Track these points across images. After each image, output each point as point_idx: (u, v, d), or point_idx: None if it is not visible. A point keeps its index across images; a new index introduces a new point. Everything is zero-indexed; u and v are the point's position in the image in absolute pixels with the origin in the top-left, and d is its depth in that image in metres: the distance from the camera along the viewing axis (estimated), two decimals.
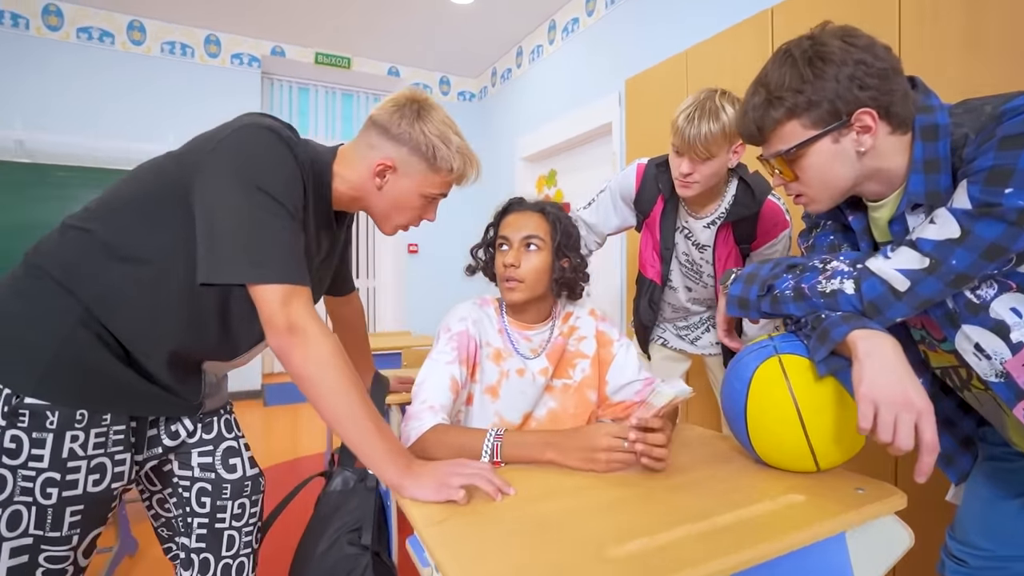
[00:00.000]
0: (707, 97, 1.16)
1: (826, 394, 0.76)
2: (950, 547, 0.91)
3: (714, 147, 1.16)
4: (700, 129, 1.14)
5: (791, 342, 0.82)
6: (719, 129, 1.14)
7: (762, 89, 0.77)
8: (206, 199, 0.73)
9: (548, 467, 0.84)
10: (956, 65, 1.30)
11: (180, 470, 0.90)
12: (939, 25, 1.33)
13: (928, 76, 0.78)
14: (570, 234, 1.07)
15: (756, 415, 0.80)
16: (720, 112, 1.14)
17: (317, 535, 0.95)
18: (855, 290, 0.75)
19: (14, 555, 0.70)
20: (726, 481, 0.78)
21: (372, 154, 0.88)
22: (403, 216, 0.93)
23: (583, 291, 1.12)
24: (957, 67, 1.29)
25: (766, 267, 0.88)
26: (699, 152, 1.16)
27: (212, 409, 0.93)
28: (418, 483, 0.72)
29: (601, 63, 3.25)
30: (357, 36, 4.10)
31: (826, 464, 0.78)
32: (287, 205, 0.74)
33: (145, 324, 0.77)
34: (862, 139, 0.72)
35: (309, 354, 0.72)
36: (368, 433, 0.73)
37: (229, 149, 0.74)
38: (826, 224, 0.93)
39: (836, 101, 0.71)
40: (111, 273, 0.75)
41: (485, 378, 1.04)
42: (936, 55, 1.33)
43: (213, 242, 0.71)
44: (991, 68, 1.24)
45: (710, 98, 1.16)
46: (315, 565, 0.88)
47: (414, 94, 0.89)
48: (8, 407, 0.70)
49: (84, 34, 3.62)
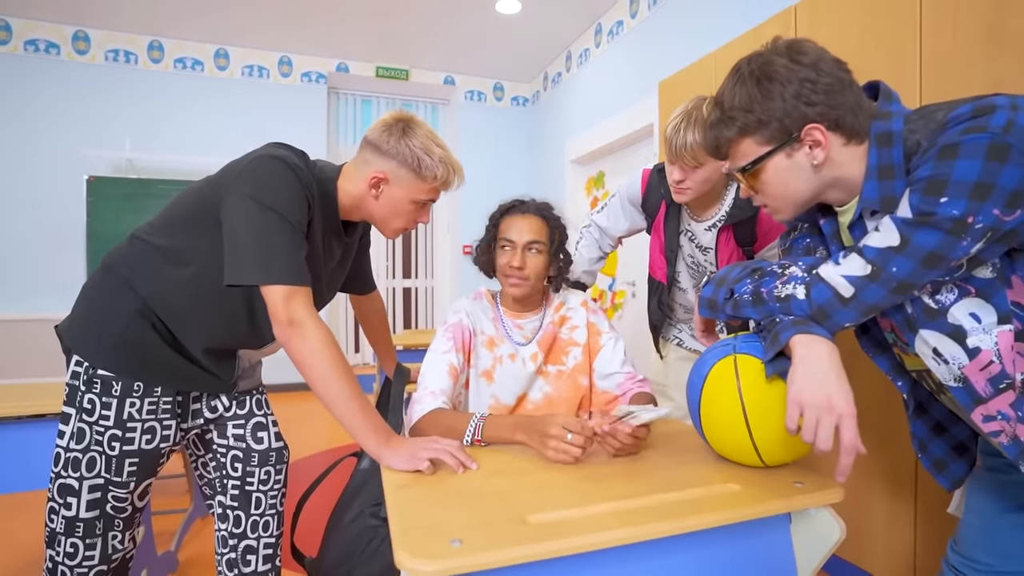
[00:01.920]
0: (694, 107, 1.20)
1: (773, 395, 0.79)
2: (951, 559, 0.89)
3: (701, 156, 1.19)
4: (686, 139, 1.17)
5: (751, 343, 0.86)
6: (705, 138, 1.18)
7: (717, 108, 0.81)
8: (231, 217, 0.89)
9: (520, 447, 0.93)
10: (980, 63, 1.24)
11: (218, 439, 1.09)
12: (961, 22, 1.27)
13: (951, 75, 0.77)
14: (564, 237, 1.19)
15: (708, 410, 0.85)
16: None
17: (347, 506, 1.08)
18: (805, 295, 0.77)
19: (91, 491, 0.92)
20: (671, 469, 0.84)
21: (367, 169, 1.01)
22: (399, 220, 1.06)
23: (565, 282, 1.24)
24: (981, 65, 1.23)
25: (735, 271, 0.91)
26: (687, 161, 1.20)
27: (246, 389, 1.11)
28: (394, 454, 0.85)
29: (642, 65, 3.25)
30: (414, 49, 4.34)
31: (772, 461, 0.82)
32: (292, 221, 0.89)
33: (188, 316, 0.96)
34: (815, 153, 0.75)
35: (305, 343, 0.86)
36: (354, 411, 0.86)
37: (246, 176, 0.90)
38: (803, 227, 0.95)
39: (784, 119, 0.74)
40: (164, 274, 0.95)
41: (480, 363, 1.15)
42: (959, 53, 1.27)
43: (234, 251, 0.88)
44: (1016, 65, 1.18)
45: (697, 107, 1.19)
46: (343, 532, 1.01)
47: (400, 114, 1.02)
48: (86, 376, 0.92)
49: (179, 64, 4.12)
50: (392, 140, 0.99)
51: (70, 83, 3.87)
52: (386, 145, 0.99)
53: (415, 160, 0.99)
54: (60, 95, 3.85)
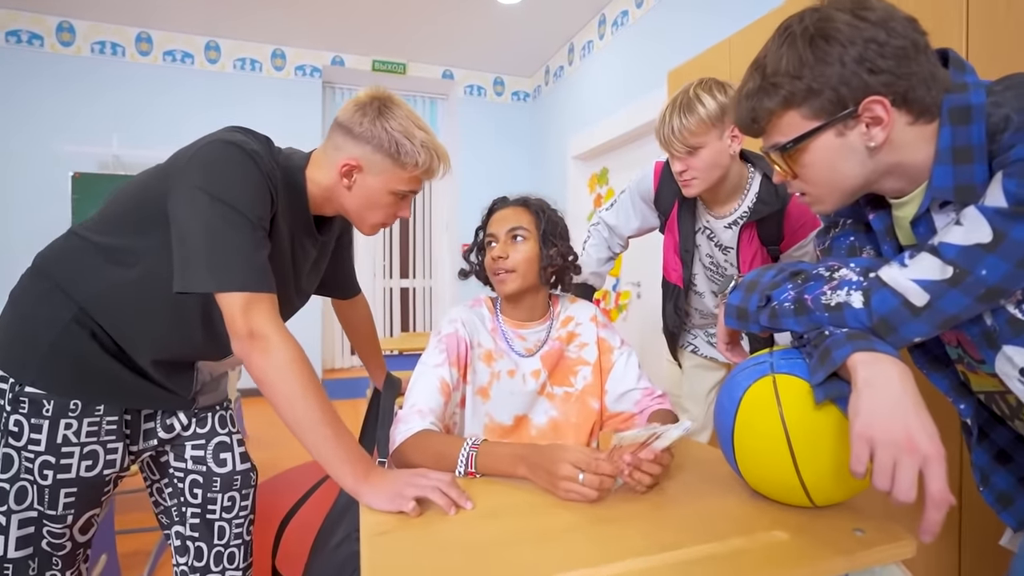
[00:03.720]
0: (681, 91, 1.11)
1: (824, 423, 0.66)
2: None
3: (693, 139, 1.09)
4: (672, 125, 1.09)
5: (791, 360, 0.73)
6: (695, 120, 1.08)
7: (757, 74, 0.68)
8: (177, 212, 0.77)
9: (521, 481, 0.80)
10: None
11: (175, 461, 0.96)
12: (1013, 13, 1.14)
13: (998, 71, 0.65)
14: (555, 223, 1.06)
15: (744, 441, 0.72)
16: (694, 103, 1.08)
17: (333, 528, 0.99)
18: (864, 304, 0.64)
19: (22, 526, 0.79)
20: (701, 508, 0.72)
21: (337, 155, 0.89)
22: (376, 215, 0.93)
23: (570, 282, 1.10)
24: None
25: (768, 274, 0.78)
26: (676, 148, 1.11)
27: (207, 405, 0.99)
28: (374, 491, 0.72)
29: (649, 56, 3.12)
30: (411, 42, 4.21)
31: (822, 500, 0.69)
32: (250, 216, 0.76)
33: (135, 323, 0.83)
34: (872, 132, 0.62)
35: (268, 360, 0.73)
36: (326, 439, 0.73)
37: (195, 164, 0.78)
38: (846, 223, 0.82)
39: (840, 88, 0.61)
40: (105, 275, 0.82)
41: (477, 379, 1.03)
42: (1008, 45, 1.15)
43: (183, 253, 0.75)
44: None
45: (684, 91, 1.11)
46: (327, 557, 0.92)
47: (376, 92, 0.89)
48: (12, 394, 0.78)
49: (169, 57, 3.98)
50: (366, 122, 0.87)
51: (54, 76, 3.74)
52: (359, 127, 0.87)
53: (393, 144, 0.87)
54: (43, 89, 3.72)
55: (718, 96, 1.10)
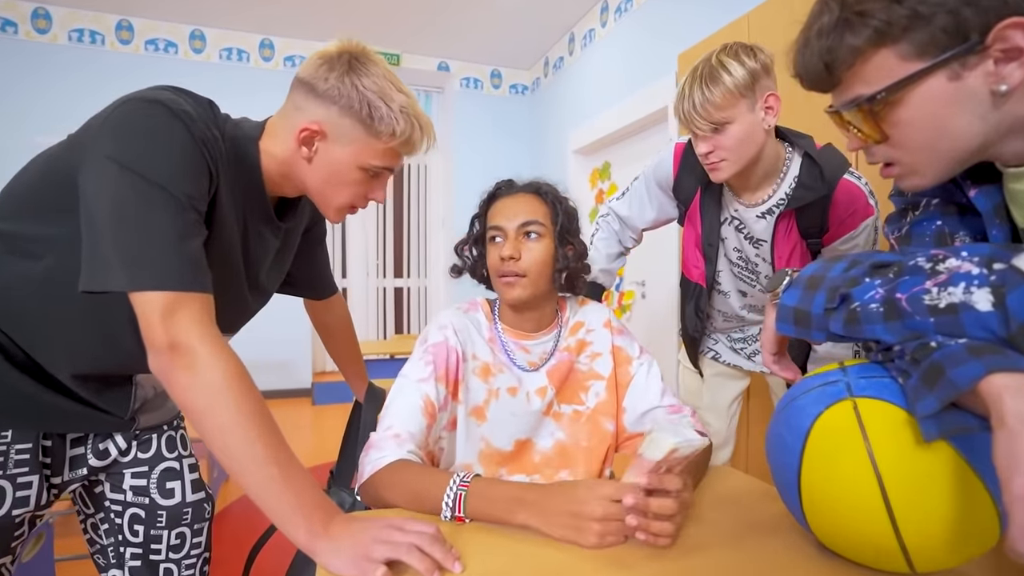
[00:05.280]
0: (703, 60, 0.95)
1: (932, 466, 0.49)
2: None
3: (719, 113, 0.93)
4: (693, 99, 0.93)
5: (875, 378, 0.56)
6: (721, 91, 0.92)
7: (834, 2, 0.51)
8: (87, 189, 0.60)
9: (523, 530, 0.63)
10: None
11: (112, 493, 0.80)
12: None
13: None
14: (572, 216, 0.89)
15: (815, 487, 0.55)
16: (718, 71, 0.92)
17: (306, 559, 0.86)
18: (995, 305, 0.47)
19: None
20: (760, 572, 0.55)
21: (297, 118, 0.72)
22: (340, 194, 0.76)
23: (585, 285, 0.93)
24: None
25: (838, 266, 0.61)
26: (701, 124, 0.95)
27: (151, 425, 0.82)
28: (334, 549, 0.55)
29: (656, 42, 2.95)
30: (405, 32, 4.04)
31: (926, 567, 0.52)
32: (177, 194, 0.60)
33: (46, 329, 0.67)
34: (1006, 71, 0.46)
35: (195, 379, 0.57)
36: (271, 481, 0.56)
37: (109, 129, 0.62)
38: (930, 204, 0.65)
39: (963, 9, 0.45)
40: (8, 270, 0.66)
41: (471, 398, 0.85)
42: None
43: (91, 241, 0.59)
44: None
45: (706, 60, 0.94)
46: None
47: (347, 45, 0.72)
48: None
49: (151, 46, 3.80)
50: (333, 78, 0.70)
51: (29, 65, 3.55)
52: (324, 84, 0.70)
53: (365, 107, 0.70)
54: (17, 77, 3.52)
55: (747, 61, 0.93)
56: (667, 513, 0.59)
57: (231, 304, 0.76)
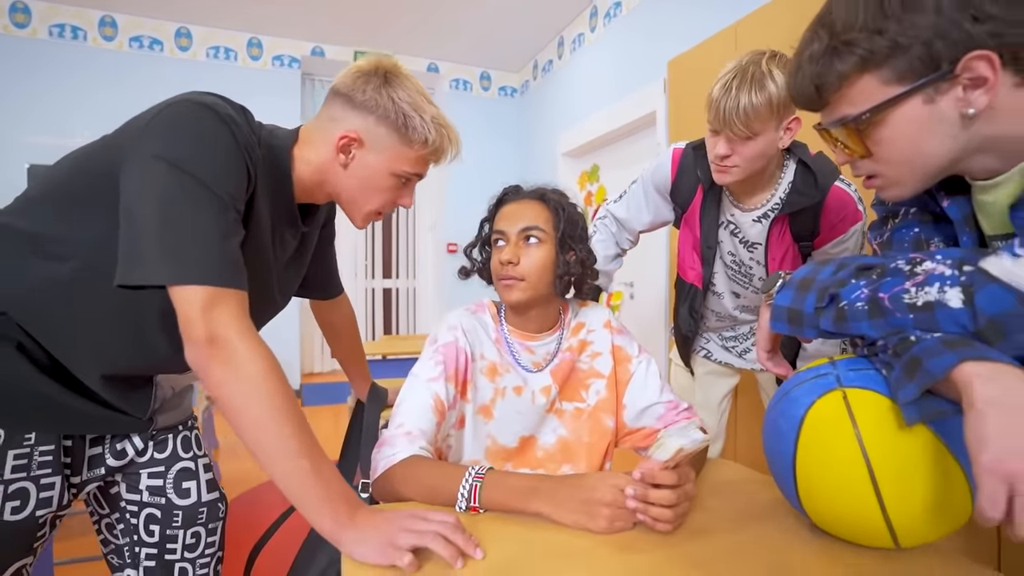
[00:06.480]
0: (751, 61, 0.96)
1: (914, 449, 0.55)
2: None
3: (757, 123, 0.95)
4: (739, 101, 0.94)
5: (861, 370, 0.61)
6: (764, 101, 0.93)
7: (824, 32, 0.56)
8: (129, 187, 0.62)
9: (536, 519, 0.67)
10: None
11: (128, 493, 0.81)
12: None
13: None
14: (575, 223, 0.91)
15: (809, 471, 0.60)
16: (766, 79, 0.94)
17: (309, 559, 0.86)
18: (965, 303, 0.52)
19: None
20: (760, 553, 0.59)
21: (335, 127, 0.76)
22: (374, 200, 0.81)
23: (591, 289, 0.96)
24: None
25: (827, 269, 0.67)
26: (737, 130, 0.96)
27: (168, 425, 0.84)
28: (360, 538, 0.58)
29: (644, 47, 3.02)
30: (395, 33, 4.05)
31: (909, 542, 0.57)
32: (221, 194, 0.63)
33: (75, 331, 0.68)
34: (972, 97, 0.51)
35: (233, 373, 0.59)
36: (301, 473, 0.59)
37: (155, 129, 0.64)
38: (908, 213, 0.71)
39: (935, 42, 0.50)
40: (30, 271, 0.66)
41: (478, 397, 0.89)
42: None
43: (132, 236, 0.61)
44: None
45: (755, 63, 0.95)
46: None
47: (381, 61, 0.77)
48: None
49: (136, 43, 3.74)
50: (370, 90, 0.75)
51: (8, 60, 3.47)
52: (362, 95, 0.75)
53: (400, 116, 0.75)
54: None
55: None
56: (666, 503, 0.63)
57: (260, 303, 0.78)
